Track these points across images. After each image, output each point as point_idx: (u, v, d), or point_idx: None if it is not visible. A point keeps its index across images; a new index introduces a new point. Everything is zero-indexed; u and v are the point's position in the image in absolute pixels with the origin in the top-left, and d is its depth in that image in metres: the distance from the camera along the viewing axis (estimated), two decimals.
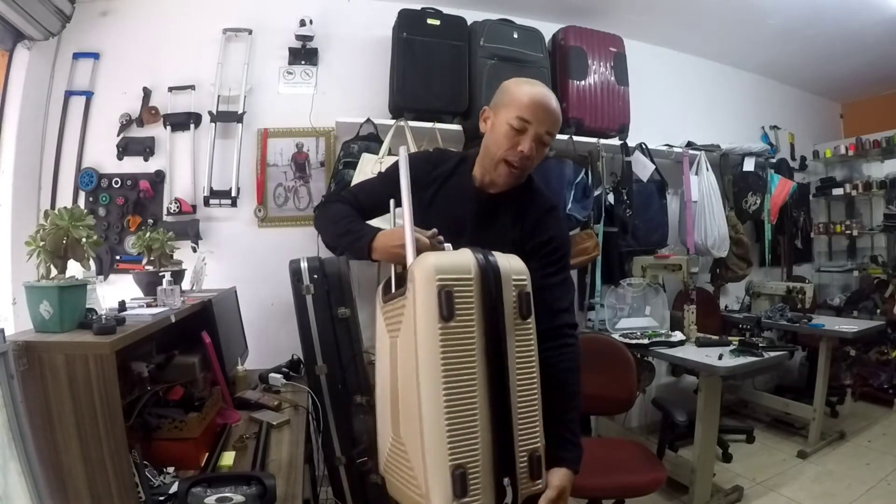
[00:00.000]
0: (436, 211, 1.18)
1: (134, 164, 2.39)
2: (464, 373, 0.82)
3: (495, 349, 0.84)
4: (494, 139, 1.12)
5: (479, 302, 0.84)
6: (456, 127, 2.54)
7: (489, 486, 0.81)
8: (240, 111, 2.45)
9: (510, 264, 0.89)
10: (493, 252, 0.90)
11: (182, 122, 2.42)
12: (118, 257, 2.30)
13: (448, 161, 1.26)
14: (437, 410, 0.80)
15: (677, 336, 2.64)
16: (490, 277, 0.85)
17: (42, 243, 1.09)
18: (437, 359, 0.80)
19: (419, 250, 0.93)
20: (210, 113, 2.42)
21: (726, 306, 3.62)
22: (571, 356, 1.11)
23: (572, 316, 1.18)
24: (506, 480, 0.83)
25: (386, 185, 1.18)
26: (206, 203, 2.42)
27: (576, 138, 2.72)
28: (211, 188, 2.41)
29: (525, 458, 0.85)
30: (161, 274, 1.64)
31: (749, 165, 3.44)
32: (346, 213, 1.19)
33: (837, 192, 4.17)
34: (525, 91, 1.11)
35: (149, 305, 1.48)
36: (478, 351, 0.83)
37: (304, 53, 2.57)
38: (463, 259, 0.86)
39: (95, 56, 2.36)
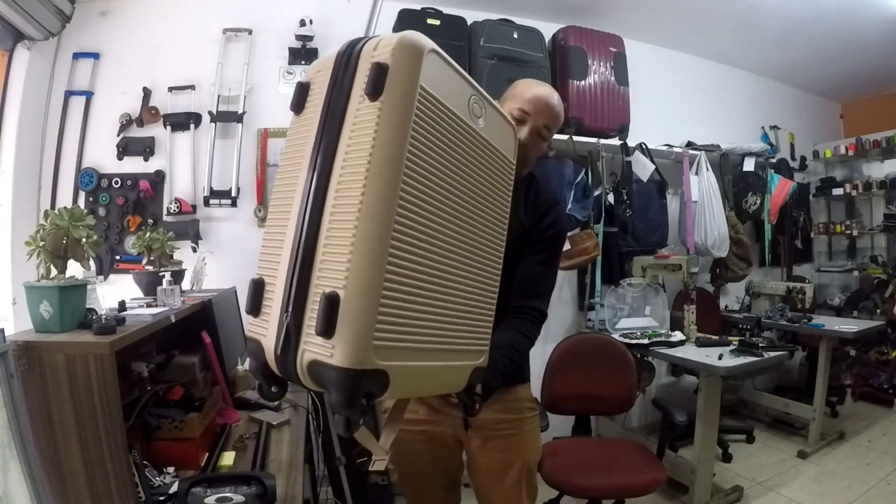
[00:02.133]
0: None
1: (134, 164, 2.39)
2: (290, 169, 0.68)
3: (325, 140, 0.64)
4: None
5: (328, 89, 0.67)
6: None
7: (275, 318, 0.63)
8: (240, 111, 2.45)
9: (384, 36, 0.65)
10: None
11: (182, 122, 2.42)
12: (118, 257, 2.30)
13: None
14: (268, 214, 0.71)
15: (677, 336, 2.64)
16: (344, 58, 0.66)
17: (42, 243, 1.09)
18: (282, 155, 0.71)
19: None
20: (210, 113, 2.42)
21: (726, 306, 3.62)
22: (527, 329, 1.13)
23: (544, 304, 1.19)
24: (286, 316, 0.61)
25: None
26: (206, 203, 2.42)
27: (576, 138, 2.72)
28: (211, 188, 2.41)
29: (318, 300, 0.58)
30: (161, 274, 1.64)
31: (749, 165, 3.44)
32: None
33: (837, 192, 4.17)
34: (529, 88, 1.18)
35: (149, 305, 1.48)
36: (308, 145, 0.66)
37: (304, 53, 2.57)
38: (333, 52, 0.69)
39: (95, 56, 2.36)
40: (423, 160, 0.63)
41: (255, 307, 0.67)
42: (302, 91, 0.70)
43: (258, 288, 0.67)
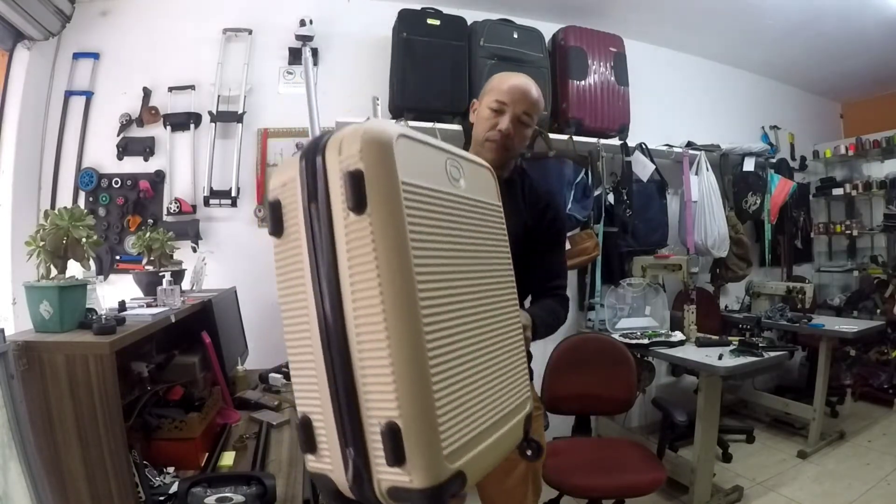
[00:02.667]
0: None
1: (134, 164, 2.39)
2: (294, 302, 0.64)
3: (323, 269, 0.60)
4: (478, 123, 1.25)
5: (303, 206, 0.62)
6: (456, 127, 2.54)
7: (337, 453, 0.60)
8: (240, 111, 2.45)
9: (343, 135, 0.59)
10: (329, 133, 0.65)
11: (182, 122, 2.42)
12: (118, 257, 2.30)
13: None
14: (286, 341, 0.67)
15: (677, 336, 2.64)
16: (310, 170, 0.61)
17: (42, 243, 1.09)
18: (278, 283, 0.66)
19: None
20: (210, 113, 2.42)
21: (726, 306, 3.62)
22: (561, 303, 1.24)
23: (565, 283, 1.29)
24: (349, 452, 0.58)
25: None
26: (206, 203, 2.42)
27: (576, 138, 2.72)
28: (211, 188, 2.41)
29: (376, 430, 0.56)
30: (161, 274, 1.64)
31: (749, 165, 3.44)
32: None
33: (837, 192, 4.17)
34: (505, 79, 1.23)
35: (149, 305, 1.48)
36: (305, 273, 0.62)
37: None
38: (294, 159, 0.63)
39: (95, 56, 2.36)
40: (425, 248, 0.61)
41: (311, 446, 0.64)
42: (275, 211, 0.64)
43: (307, 427, 0.64)
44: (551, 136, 2.65)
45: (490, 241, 0.78)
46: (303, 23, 2.50)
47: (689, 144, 3.26)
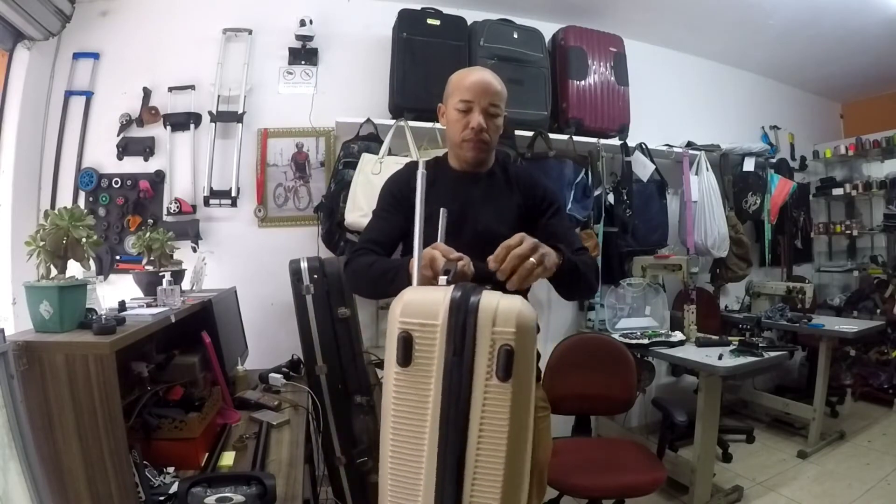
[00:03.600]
0: (434, 210, 1.19)
1: (134, 164, 2.39)
2: (412, 428, 0.73)
3: (452, 413, 0.70)
4: (450, 126, 1.26)
5: (442, 353, 0.72)
6: None
7: None
8: (240, 111, 2.45)
9: (498, 309, 0.70)
10: (486, 290, 0.74)
11: (182, 122, 2.42)
12: (118, 257, 2.30)
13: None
14: (385, 456, 0.74)
15: (677, 336, 2.64)
16: (459, 326, 0.71)
17: (42, 243, 1.09)
18: (389, 404, 0.74)
19: (434, 271, 0.88)
20: (210, 113, 2.42)
21: (726, 306, 3.62)
22: (589, 258, 1.21)
23: (587, 250, 1.25)
24: None
25: (389, 212, 1.27)
26: (206, 203, 2.42)
27: (576, 138, 2.72)
28: (211, 188, 2.41)
29: None
30: (161, 274, 1.64)
31: (749, 165, 3.43)
32: (371, 260, 1.17)
33: (837, 192, 4.16)
34: (462, 78, 1.24)
35: (149, 305, 1.48)
36: (431, 409, 0.71)
37: (304, 53, 2.57)
38: (433, 300, 0.73)
39: (95, 56, 2.36)
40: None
41: None
42: (406, 346, 0.72)
43: None
44: (551, 136, 2.65)
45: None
46: (303, 23, 2.50)
47: (689, 144, 3.27)
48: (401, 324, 0.73)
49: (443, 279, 0.81)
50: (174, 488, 1.13)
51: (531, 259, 0.89)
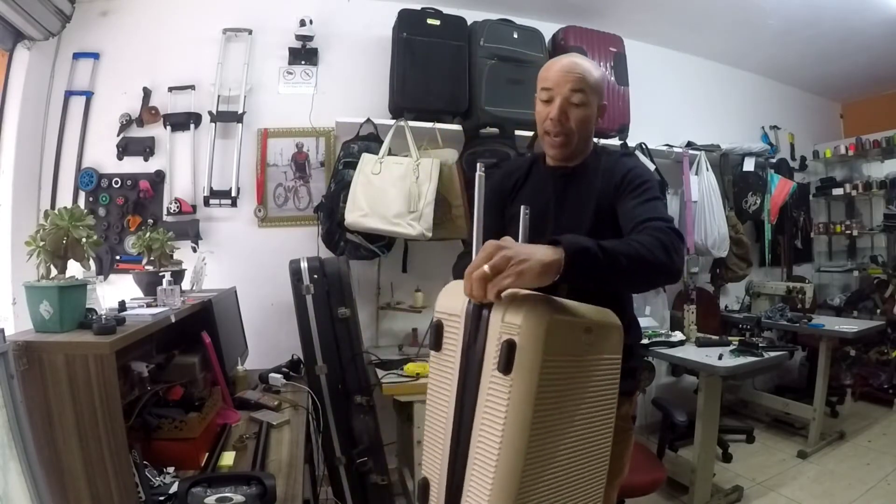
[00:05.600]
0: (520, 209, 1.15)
1: (134, 164, 2.39)
2: (440, 402, 0.84)
3: (466, 398, 0.78)
4: (537, 120, 1.18)
5: (462, 342, 0.79)
6: (456, 127, 2.54)
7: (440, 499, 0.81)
8: (240, 111, 2.45)
9: (507, 304, 0.74)
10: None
11: (182, 122, 2.42)
12: (118, 257, 2.30)
13: (521, 166, 1.30)
14: (425, 420, 0.88)
15: (677, 336, 2.64)
16: (475, 318, 0.77)
17: (42, 243, 1.09)
18: (430, 380, 0.87)
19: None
20: (210, 113, 2.42)
21: (726, 306, 3.62)
22: (652, 231, 0.96)
23: (660, 220, 1.01)
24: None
25: (487, 209, 1.03)
26: (206, 203, 2.42)
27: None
28: (211, 188, 2.41)
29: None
30: (161, 274, 1.64)
31: (749, 165, 3.43)
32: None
33: (837, 192, 4.16)
34: (548, 64, 1.16)
35: (149, 305, 1.48)
36: (453, 392, 0.80)
37: (304, 53, 2.57)
38: (461, 292, 0.78)
39: (95, 56, 2.36)
40: (547, 407, 0.72)
41: (425, 496, 0.84)
42: (437, 332, 0.83)
43: (425, 488, 0.84)
44: None
45: (601, 388, 0.84)
46: (303, 23, 2.50)
47: (689, 144, 3.26)
48: (436, 313, 0.84)
49: None
50: (174, 488, 1.13)
51: (483, 268, 0.73)
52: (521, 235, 0.92)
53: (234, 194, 2.44)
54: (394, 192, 2.24)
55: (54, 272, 1.11)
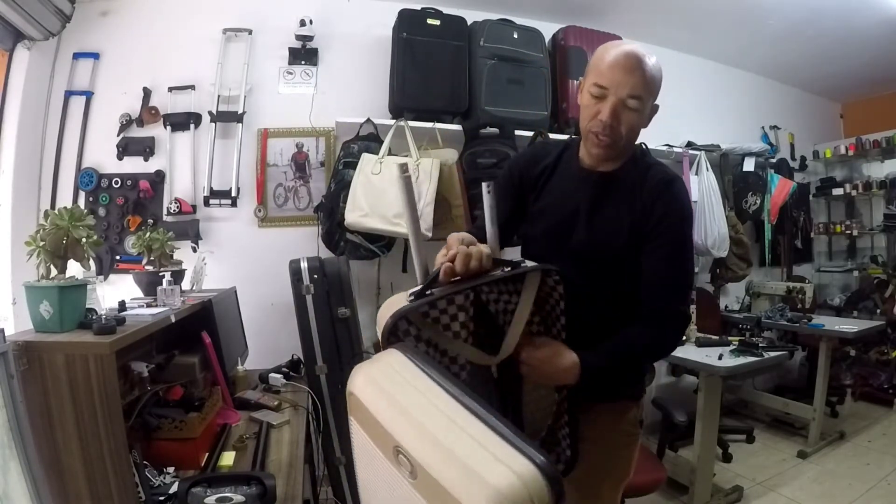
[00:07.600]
0: (546, 206, 1.10)
1: (134, 164, 2.38)
2: None
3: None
4: (581, 111, 1.07)
5: None
6: (456, 127, 2.54)
7: None
8: (240, 111, 2.44)
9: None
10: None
11: (182, 122, 2.41)
12: (118, 257, 2.30)
13: (550, 153, 1.19)
14: None
15: None
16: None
17: (42, 243, 1.09)
18: None
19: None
20: (210, 113, 2.42)
21: (726, 306, 3.62)
22: (650, 324, 0.98)
23: (674, 301, 1.01)
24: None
25: (501, 195, 1.06)
26: (206, 203, 2.41)
27: (576, 138, 2.72)
28: (211, 188, 2.41)
29: None
30: (161, 274, 1.64)
31: (749, 165, 3.44)
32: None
33: (837, 192, 4.17)
34: (605, 54, 1.04)
35: (149, 305, 1.48)
36: None
37: (304, 53, 2.57)
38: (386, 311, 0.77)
39: (95, 56, 2.36)
40: None
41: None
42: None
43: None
44: (551, 136, 2.64)
45: None
46: (303, 23, 2.50)
47: (689, 144, 3.26)
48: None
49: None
50: (174, 488, 1.13)
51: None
52: (490, 218, 0.88)
53: (234, 194, 2.44)
54: (394, 191, 2.24)
55: (54, 272, 1.11)
